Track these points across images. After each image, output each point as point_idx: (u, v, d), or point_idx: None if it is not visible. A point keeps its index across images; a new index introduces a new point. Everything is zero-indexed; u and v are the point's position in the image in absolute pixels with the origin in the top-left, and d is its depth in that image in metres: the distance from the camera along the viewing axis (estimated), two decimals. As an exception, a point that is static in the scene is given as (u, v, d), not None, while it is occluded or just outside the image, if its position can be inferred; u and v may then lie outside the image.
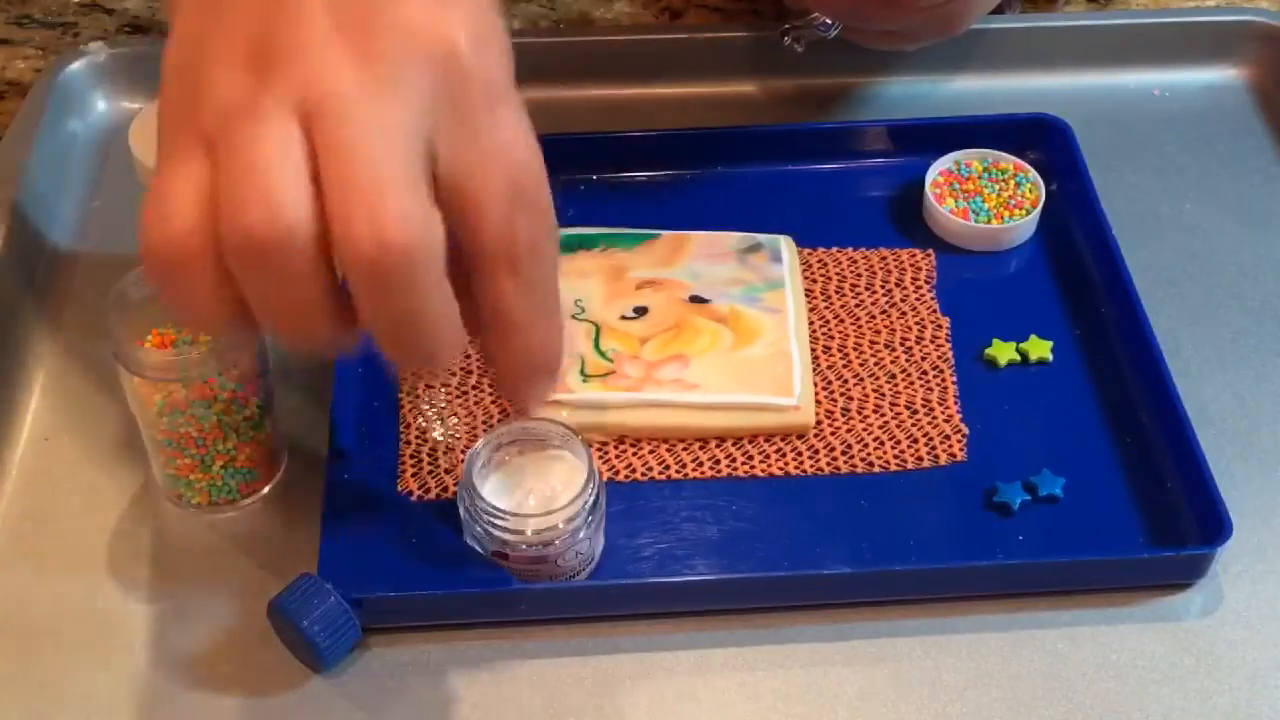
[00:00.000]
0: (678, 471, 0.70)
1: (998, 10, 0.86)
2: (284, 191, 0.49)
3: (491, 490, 0.65)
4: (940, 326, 0.76)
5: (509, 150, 0.53)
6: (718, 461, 0.71)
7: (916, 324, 0.76)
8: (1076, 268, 0.79)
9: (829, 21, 0.81)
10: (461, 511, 0.65)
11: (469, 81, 0.52)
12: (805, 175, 0.84)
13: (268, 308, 0.52)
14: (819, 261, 0.79)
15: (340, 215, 0.50)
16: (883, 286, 0.78)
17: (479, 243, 0.53)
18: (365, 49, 0.51)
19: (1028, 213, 0.80)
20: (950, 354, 0.75)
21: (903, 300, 0.78)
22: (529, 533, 0.63)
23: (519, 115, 0.54)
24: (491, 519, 0.63)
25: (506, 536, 0.64)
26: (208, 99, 0.51)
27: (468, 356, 0.74)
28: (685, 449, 0.71)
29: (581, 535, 0.64)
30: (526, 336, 0.55)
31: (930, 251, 0.80)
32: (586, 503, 0.64)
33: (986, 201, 0.80)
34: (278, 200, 0.49)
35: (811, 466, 0.71)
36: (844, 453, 0.71)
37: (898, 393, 0.73)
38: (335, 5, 0.51)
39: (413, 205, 0.50)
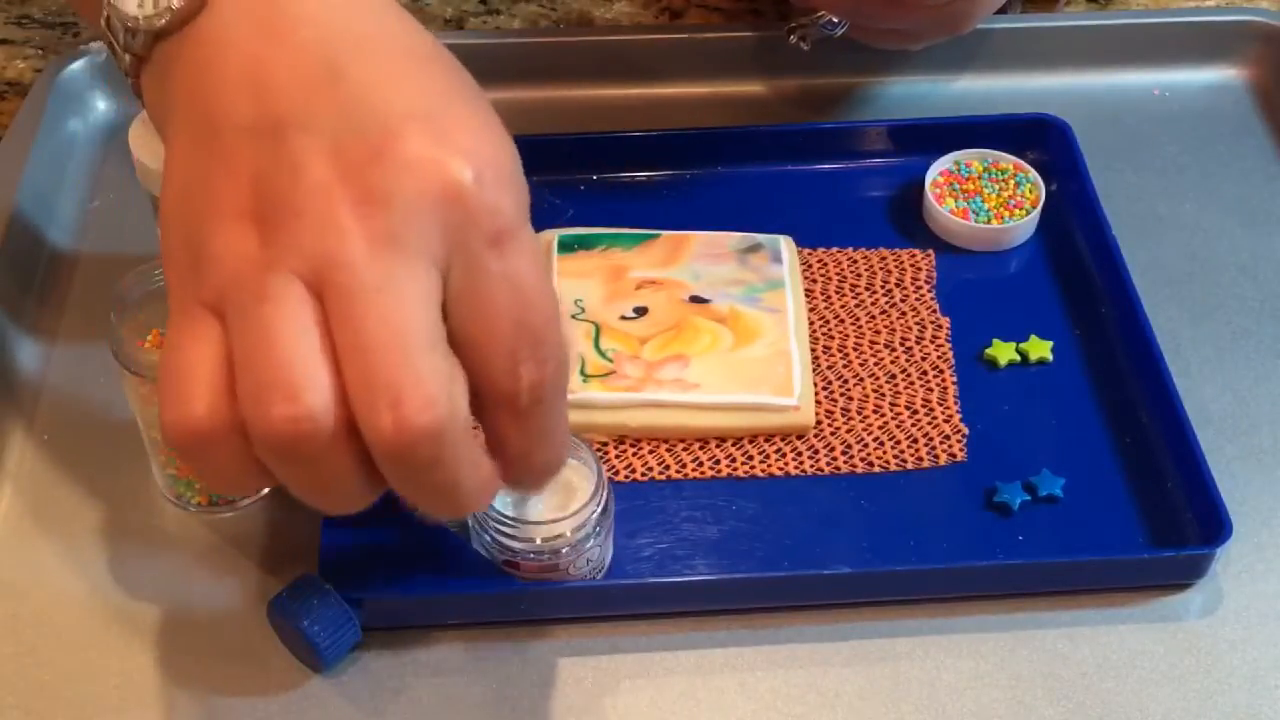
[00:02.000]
0: (678, 471, 0.70)
1: (1000, 10, 0.86)
2: (305, 382, 0.49)
3: (500, 498, 0.65)
4: (940, 326, 0.76)
5: (515, 292, 0.51)
6: (718, 461, 0.71)
7: (916, 324, 0.76)
8: (1076, 268, 0.79)
9: (835, 20, 0.81)
10: (470, 520, 0.65)
11: (476, 221, 0.50)
12: (805, 175, 0.84)
13: (299, 488, 0.52)
14: (819, 261, 0.79)
15: (363, 404, 0.49)
16: (883, 286, 0.78)
17: (481, 386, 0.52)
18: (369, 198, 0.49)
19: (1028, 213, 0.80)
20: (950, 354, 0.75)
21: (903, 300, 0.78)
22: (538, 540, 0.63)
23: (528, 249, 0.52)
24: (500, 527, 0.63)
25: (515, 545, 0.64)
26: (212, 265, 0.50)
27: (468, 356, 0.74)
28: (685, 449, 0.71)
29: (591, 543, 0.64)
30: (526, 459, 0.54)
31: (930, 251, 0.80)
32: (595, 510, 0.64)
33: (986, 201, 0.80)
34: (300, 392, 0.49)
35: (811, 466, 0.71)
36: (844, 453, 0.71)
37: (898, 393, 0.73)
38: (335, 148, 0.50)
39: (433, 385, 0.49)
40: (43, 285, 0.79)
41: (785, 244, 0.78)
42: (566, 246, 0.77)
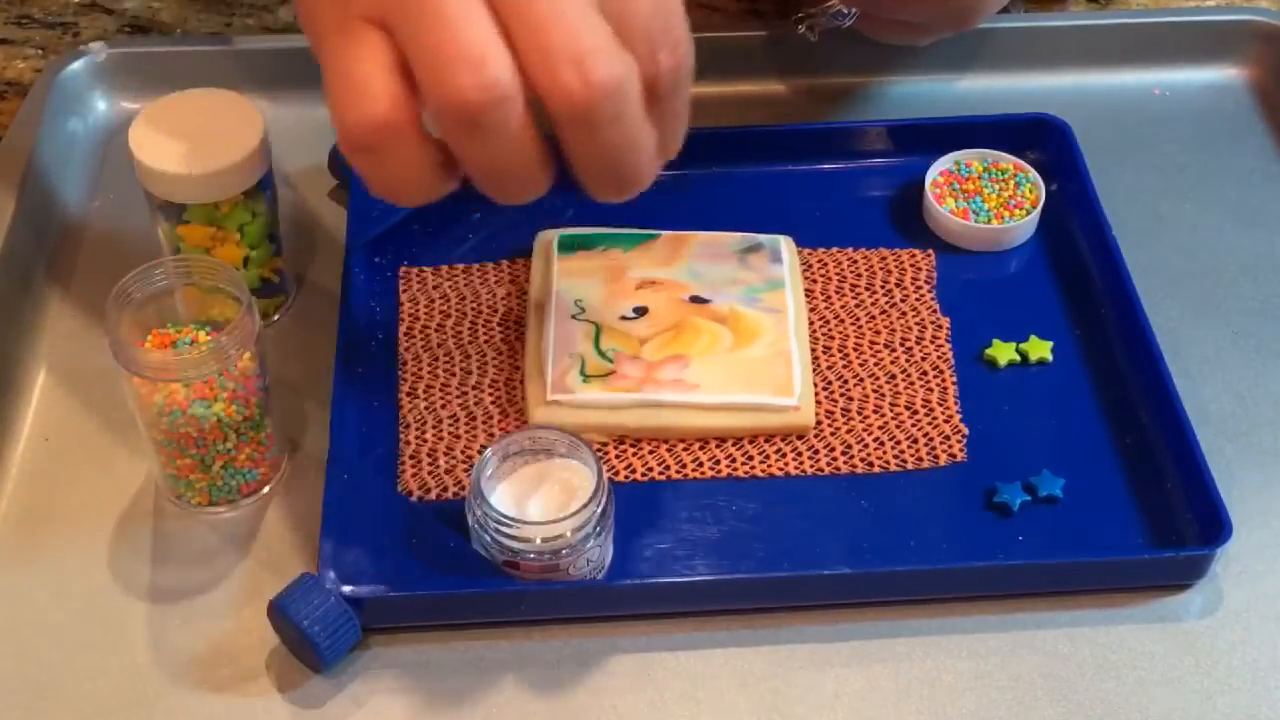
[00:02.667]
0: (678, 471, 0.70)
1: (1002, 9, 0.86)
2: (488, 52, 0.53)
3: (500, 499, 0.65)
4: (940, 327, 0.76)
5: None
6: (718, 461, 0.71)
7: (916, 324, 0.76)
8: (1076, 268, 0.79)
9: (845, 10, 0.81)
10: (470, 520, 0.65)
11: None
12: (805, 175, 0.84)
13: (486, 166, 0.56)
14: (819, 261, 0.79)
15: (545, 71, 0.54)
16: (883, 286, 0.78)
17: None
18: None
19: (1028, 213, 0.80)
20: (950, 354, 0.75)
21: (903, 300, 0.78)
22: (538, 541, 0.63)
23: None
24: (500, 528, 0.63)
25: (515, 545, 0.64)
26: None
27: (467, 357, 0.74)
28: (685, 449, 0.71)
29: (591, 543, 0.64)
30: (662, 146, 0.60)
31: (930, 251, 0.80)
32: (595, 511, 0.64)
33: (986, 201, 0.80)
34: (484, 61, 0.53)
35: (811, 466, 0.71)
36: (844, 453, 0.71)
37: (898, 393, 0.73)
38: None
39: (607, 42, 0.54)
40: (43, 285, 0.79)
41: (785, 244, 0.78)
42: (566, 246, 0.77)
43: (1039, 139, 0.84)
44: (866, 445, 0.71)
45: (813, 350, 0.75)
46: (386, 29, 0.55)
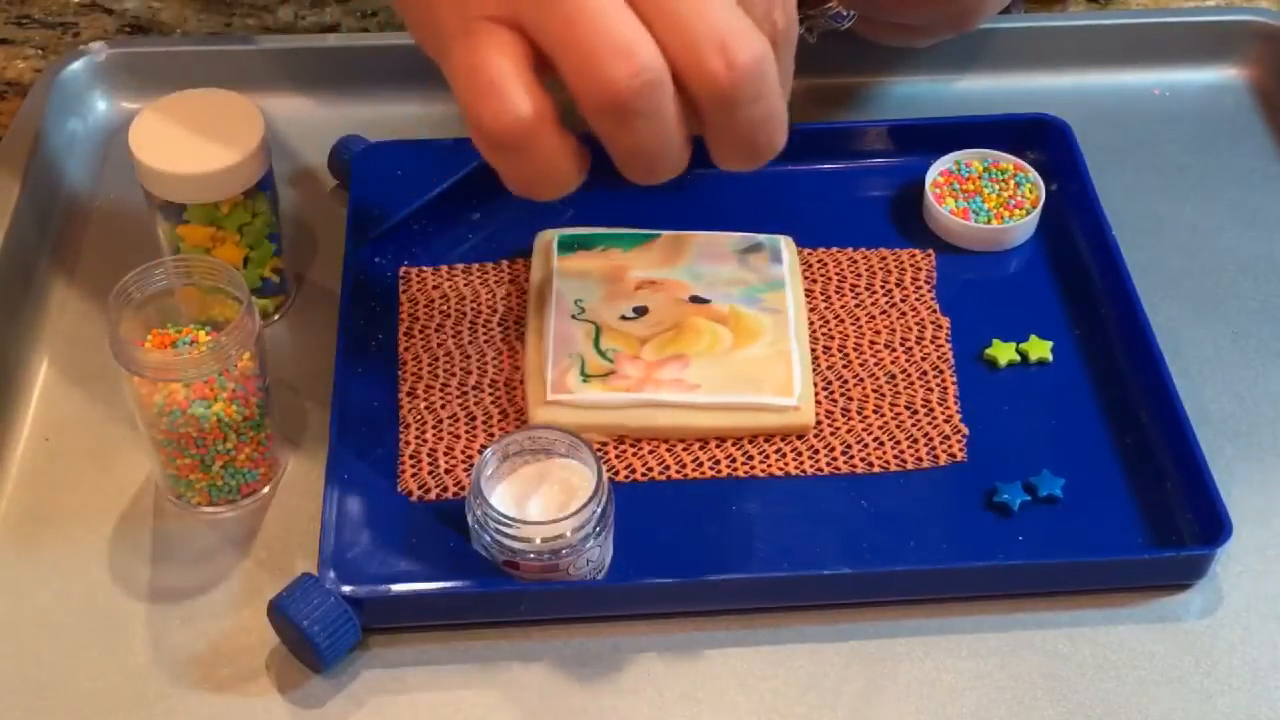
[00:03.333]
0: (678, 471, 0.70)
1: (1003, 10, 0.86)
2: (635, 40, 0.55)
3: (500, 499, 0.65)
4: (940, 326, 0.76)
5: None
6: (718, 461, 0.71)
7: (916, 324, 0.76)
8: (1076, 268, 0.79)
9: (845, 12, 0.81)
10: (470, 520, 0.65)
11: None
12: (805, 175, 0.84)
13: (637, 152, 0.58)
14: (819, 261, 0.79)
15: (690, 58, 0.55)
16: (883, 286, 0.78)
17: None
18: None
19: (1028, 213, 0.80)
20: (950, 354, 0.75)
21: (903, 300, 0.78)
22: (537, 541, 0.63)
23: None
24: (500, 528, 0.63)
25: (515, 545, 0.64)
26: None
27: (467, 357, 0.74)
28: (685, 449, 0.71)
29: (591, 543, 0.64)
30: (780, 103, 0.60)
31: (930, 251, 0.80)
32: (595, 511, 0.64)
33: (986, 201, 0.80)
34: (633, 50, 0.54)
35: (811, 466, 0.71)
36: (844, 453, 0.71)
37: (898, 393, 0.73)
38: None
39: (743, 22, 0.56)
40: (43, 285, 0.79)
41: (785, 244, 0.78)
42: (566, 246, 0.77)
43: (1039, 139, 0.84)
44: (866, 445, 0.71)
45: (813, 350, 0.75)
46: (517, 27, 0.56)
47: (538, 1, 0.55)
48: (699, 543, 0.68)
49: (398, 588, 0.65)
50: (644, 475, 0.70)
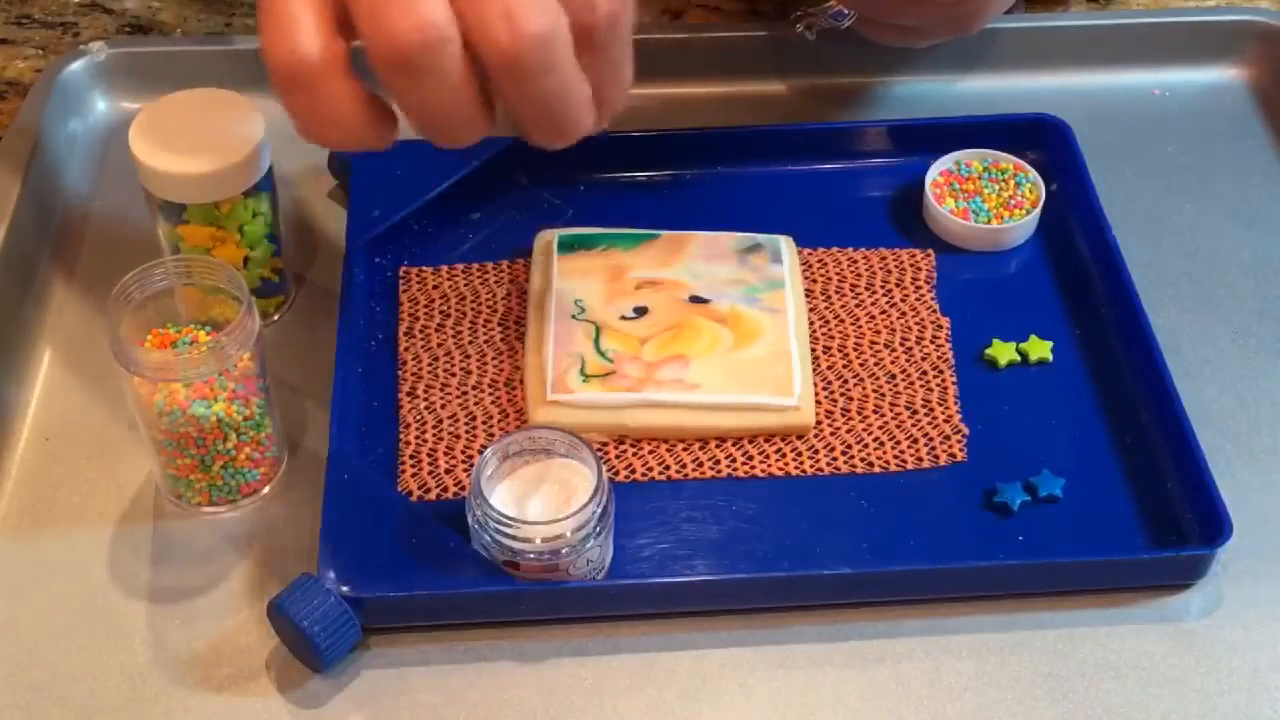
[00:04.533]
0: (678, 472, 0.70)
1: (1007, 10, 0.86)
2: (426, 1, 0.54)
3: (500, 499, 0.65)
4: (940, 326, 0.76)
5: None
6: (718, 461, 0.71)
7: (916, 324, 0.76)
8: (1076, 268, 0.79)
9: (844, 11, 0.81)
10: (470, 520, 0.65)
11: None
12: (805, 175, 0.84)
13: (423, 109, 0.58)
14: (819, 261, 0.79)
15: (478, 22, 0.55)
16: (883, 286, 0.78)
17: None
18: None
19: (1028, 213, 0.80)
20: (950, 354, 0.75)
21: (903, 300, 0.78)
22: (538, 540, 0.63)
23: None
24: (500, 527, 0.63)
25: (515, 545, 0.64)
26: None
27: (467, 357, 0.74)
28: (685, 449, 0.71)
29: (591, 543, 0.64)
30: (602, 93, 0.61)
31: (930, 251, 0.80)
32: (595, 511, 0.64)
33: (986, 201, 0.80)
34: (420, 6, 0.54)
35: (811, 466, 0.71)
36: (844, 453, 0.71)
37: (898, 393, 0.73)
38: None
39: None
40: (43, 285, 0.79)
41: (785, 244, 0.78)
42: (566, 246, 0.77)
43: (1039, 139, 0.84)
44: (866, 445, 0.71)
45: (813, 350, 0.75)
46: None
47: None
48: (699, 543, 0.68)
49: (397, 588, 0.65)
50: (644, 475, 0.70)
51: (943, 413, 0.73)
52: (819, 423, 0.72)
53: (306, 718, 0.63)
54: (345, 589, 0.64)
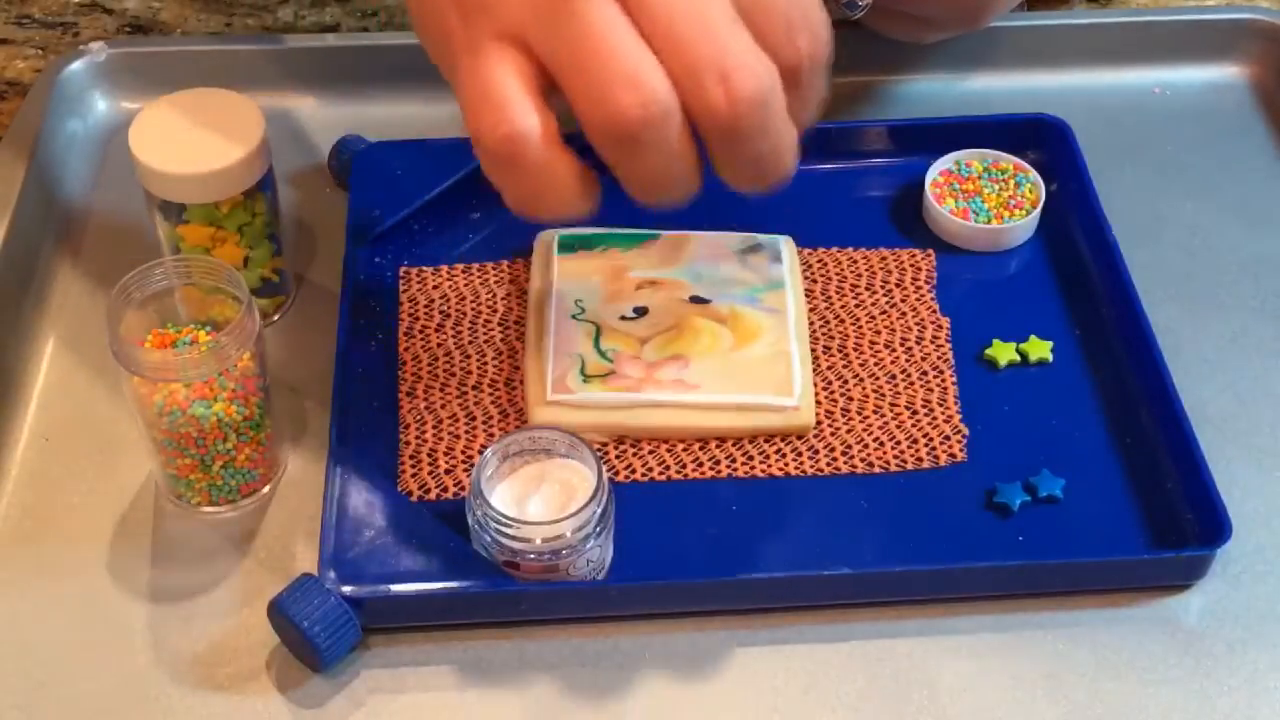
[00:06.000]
0: (678, 472, 0.70)
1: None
2: (643, 68, 0.54)
3: (500, 499, 0.65)
4: (940, 327, 0.76)
5: None
6: (718, 461, 0.71)
7: (916, 324, 0.76)
8: (1076, 268, 0.79)
9: (859, 0, 0.80)
10: (470, 520, 0.65)
11: None
12: (805, 175, 0.83)
13: (645, 178, 0.58)
14: (819, 261, 0.79)
15: (692, 85, 0.55)
16: (883, 286, 0.78)
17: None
18: None
19: (1028, 213, 0.80)
20: (950, 354, 0.75)
21: (903, 300, 0.78)
22: (538, 541, 0.63)
23: None
24: (500, 528, 0.63)
25: (515, 545, 0.64)
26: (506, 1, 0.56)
27: (467, 357, 0.74)
28: (685, 449, 0.71)
29: (591, 543, 0.64)
30: (804, 129, 0.61)
31: (930, 251, 0.80)
32: (595, 511, 0.64)
33: (986, 201, 0.80)
34: (641, 79, 0.54)
35: (811, 466, 0.71)
36: (844, 453, 0.71)
37: (898, 393, 0.73)
38: None
39: (751, 57, 0.55)
40: (42, 285, 0.79)
41: (785, 244, 0.78)
42: (566, 246, 0.77)
43: (1039, 139, 0.84)
44: (866, 445, 0.71)
45: (813, 350, 0.75)
46: (525, 47, 0.56)
47: (545, 23, 0.55)
48: (699, 543, 0.68)
49: (398, 588, 0.65)
50: (644, 475, 0.70)
51: (943, 413, 0.73)
52: (819, 423, 0.72)
53: (306, 718, 0.63)
54: (345, 589, 0.64)
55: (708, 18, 0.55)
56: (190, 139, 0.70)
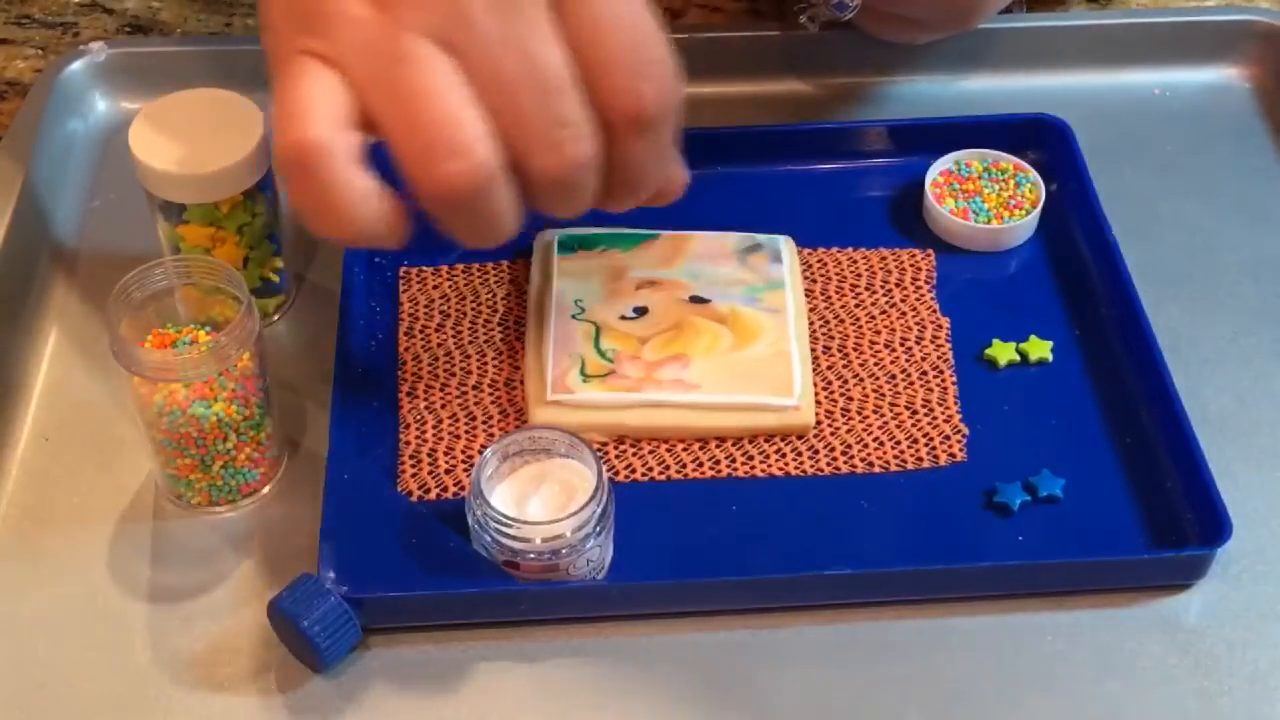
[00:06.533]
0: (678, 471, 0.70)
1: (1004, 9, 0.86)
2: (472, 137, 0.54)
3: (500, 499, 0.65)
4: (940, 326, 0.76)
5: (626, 17, 0.57)
6: (718, 461, 0.71)
7: (916, 324, 0.76)
8: (1076, 268, 0.79)
9: (847, 2, 0.80)
10: (470, 520, 0.65)
11: None
12: (805, 175, 0.84)
13: (465, 231, 0.58)
14: (819, 261, 0.79)
15: (523, 147, 0.56)
16: (883, 286, 0.78)
17: (611, 111, 0.58)
18: None
19: (1028, 213, 0.80)
20: (950, 354, 0.75)
21: (903, 300, 0.78)
22: (537, 540, 0.63)
23: None
24: (500, 528, 0.63)
25: (515, 545, 0.64)
26: (329, 22, 0.55)
27: (467, 357, 0.74)
28: (685, 449, 0.71)
29: (591, 543, 0.64)
30: (658, 177, 0.62)
31: (930, 251, 0.80)
32: (595, 511, 0.64)
33: (986, 201, 0.80)
34: (470, 148, 0.54)
35: (811, 466, 0.71)
36: (844, 453, 0.71)
37: (898, 393, 0.73)
38: None
39: (584, 123, 0.56)
40: (42, 285, 0.79)
41: (785, 244, 0.78)
42: (566, 246, 0.77)
43: (1039, 139, 0.84)
44: (866, 445, 0.71)
45: (813, 350, 0.75)
46: (341, 72, 0.56)
47: (377, 71, 0.55)
48: (699, 543, 0.68)
49: (398, 588, 0.65)
50: (644, 475, 0.70)
51: (943, 413, 0.73)
52: (819, 423, 0.72)
53: (306, 718, 0.63)
54: (345, 589, 0.64)
55: (544, 83, 0.55)
56: (190, 139, 0.70)
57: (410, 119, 0.54)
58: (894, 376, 0.74)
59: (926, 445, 0.71)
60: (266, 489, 0.70)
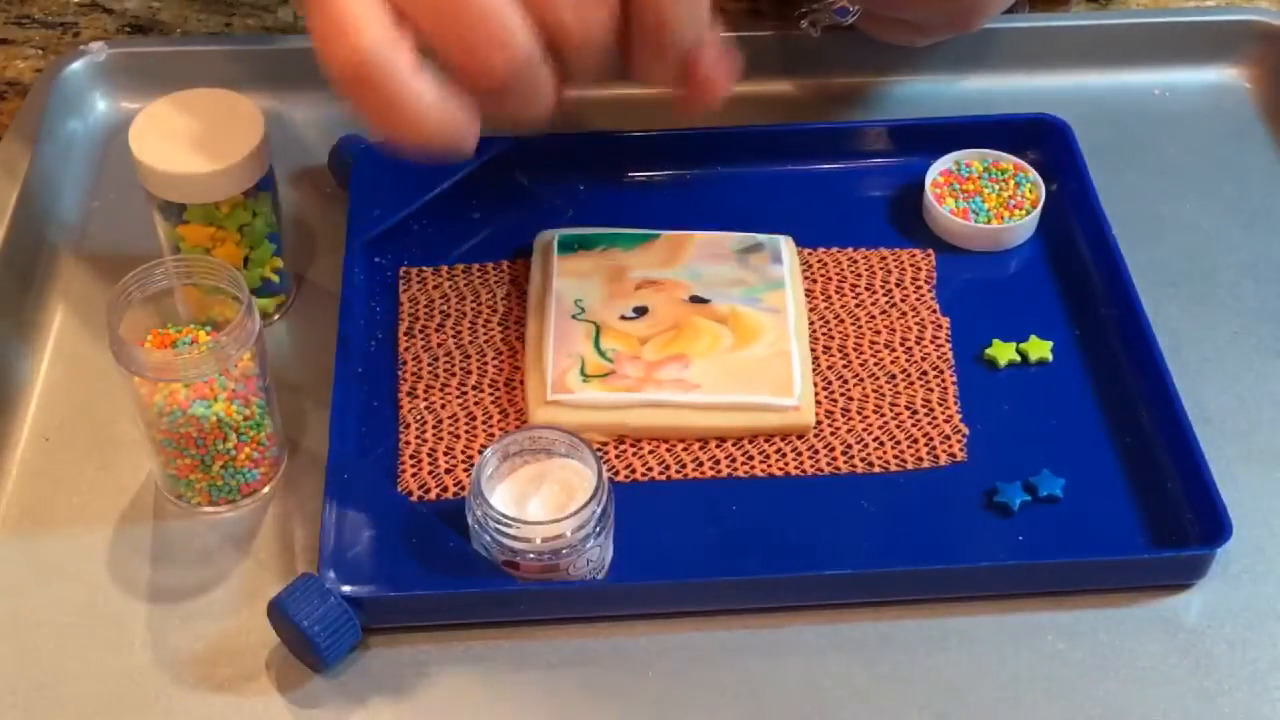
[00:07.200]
0: (678, 471, 0.70)
1: (1008, 10, 0.86)
2: (513, 26, 0.56)
3: (500, 499, 0.65)
4: (940, 326, 0.76)
5: None
6: (718, 461, 0.71)
7: (916, 324, 0.76)
8: (1076, 268, 0.79)
9: (848, 7, 0.81)
10: (470, 520, 0.65)
11: None
12: (805, 175, 0.84)
13: (510, 114, 0.60)
14: (819, 261, 0.79)
15: (556, 24, 0.57)
16: (883, 286, 0.78)
17: None
18: None
19: (1028, 213, 0.80)
20: (950, 354, 0.75)
21: (903, 300, 0.78)
22: (537, 540, 0.63)
23: None
24: (500, 527, 0.63)
25: (515, 545, 0.64)
26: None
27: (467, 357, 0.74)
28: (685, 449, 0.71)
29: (591, 543, 0.64)
30: (679, 39, 0.63)
31: (930, 251, 0.80)
32: (595, 511, 0.64)
33: (986, 201, 0.80)
34: (512, 38, 0.56)
35: (811, 466, 0.71)
36: (844, 453, 0.71)
37: (898, 393, 0.73)
38: None
39: None
40: (42, 285, 0.79)
41: (785, 244, 0.78)
42: (566, 246, 0.77)
43: (1039, 139, 0.84)
44: (866, 445, 0.71)
45: (813, 350, 0.75)
46: None
47: None
48: (699, 543, 0.68)
49: (398, 588, 0.65)
50: (644, 475, 0.70)
51: (943, 413, 0.73)
52: (819, 423, 0.72)
53: (306, 718, 0.63)
54: (345, 589, 0.64)
55: None
56: (190, 139, 0.70)
57: (451, 18, 0.56)
58: (894, 376, 0.74)
59: (926, 445, 0.71)
60: (266, 489, 0.70)
